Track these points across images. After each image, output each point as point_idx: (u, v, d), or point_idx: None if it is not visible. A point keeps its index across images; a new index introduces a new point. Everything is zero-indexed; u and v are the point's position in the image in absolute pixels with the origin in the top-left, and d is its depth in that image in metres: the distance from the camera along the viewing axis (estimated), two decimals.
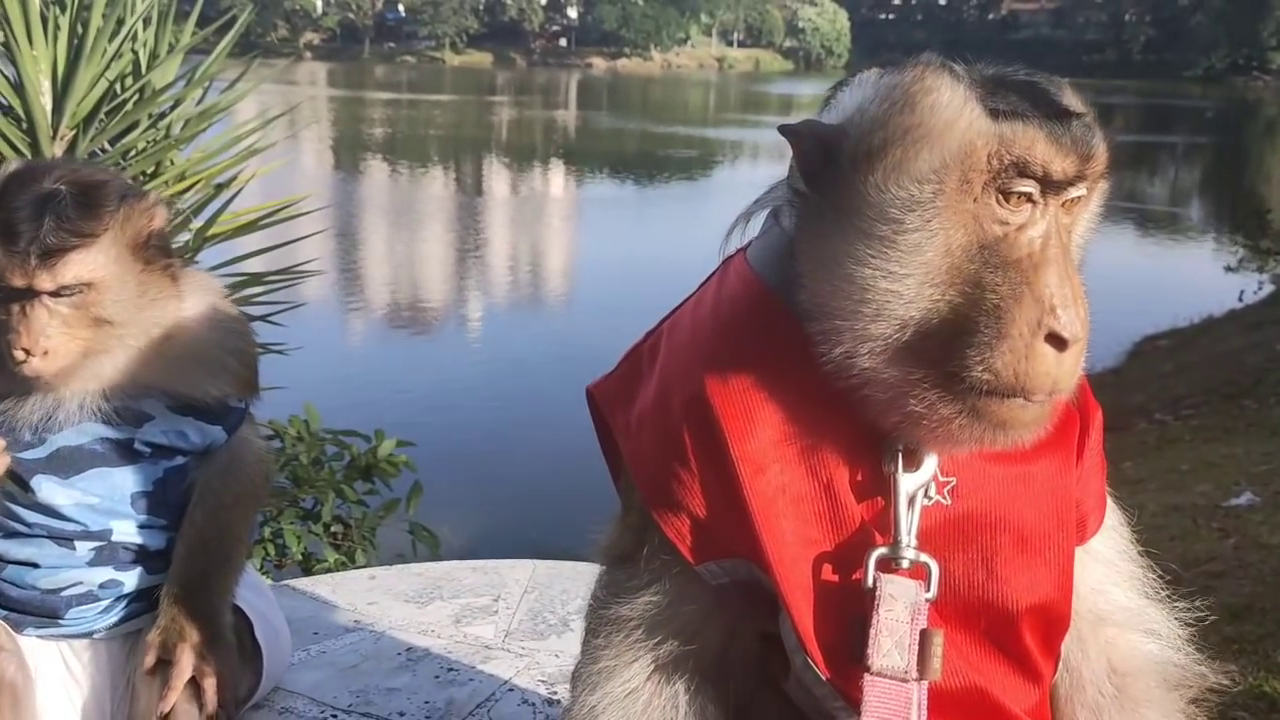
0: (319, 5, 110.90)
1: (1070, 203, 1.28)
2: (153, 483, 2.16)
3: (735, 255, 1.50)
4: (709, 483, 1.38)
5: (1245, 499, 6.88)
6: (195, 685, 2.12)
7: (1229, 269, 17.09)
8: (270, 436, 4.42)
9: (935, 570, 1.34)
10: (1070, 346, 1.22)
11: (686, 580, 1.44)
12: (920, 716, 1.32)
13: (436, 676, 2.74)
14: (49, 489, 2.09)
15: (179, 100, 4.56)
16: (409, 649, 2.87)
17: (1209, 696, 1.55)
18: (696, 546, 1.41)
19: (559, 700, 2.61)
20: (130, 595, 2.21)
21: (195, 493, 2.21)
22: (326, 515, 4.71)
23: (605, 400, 1.54)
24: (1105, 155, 1.27)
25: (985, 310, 1.22)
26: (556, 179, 32.83)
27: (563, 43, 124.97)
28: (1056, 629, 1.44)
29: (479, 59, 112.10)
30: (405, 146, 37.94)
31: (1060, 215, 1.26)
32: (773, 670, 1.50)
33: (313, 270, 5.07)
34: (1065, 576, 1.41)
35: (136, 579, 2.19)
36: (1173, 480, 8.06)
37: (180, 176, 4.45)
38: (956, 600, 1.37)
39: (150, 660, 2.12)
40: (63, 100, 4.09)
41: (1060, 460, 1.42)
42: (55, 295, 1.95)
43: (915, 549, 1.33)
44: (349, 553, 4.74)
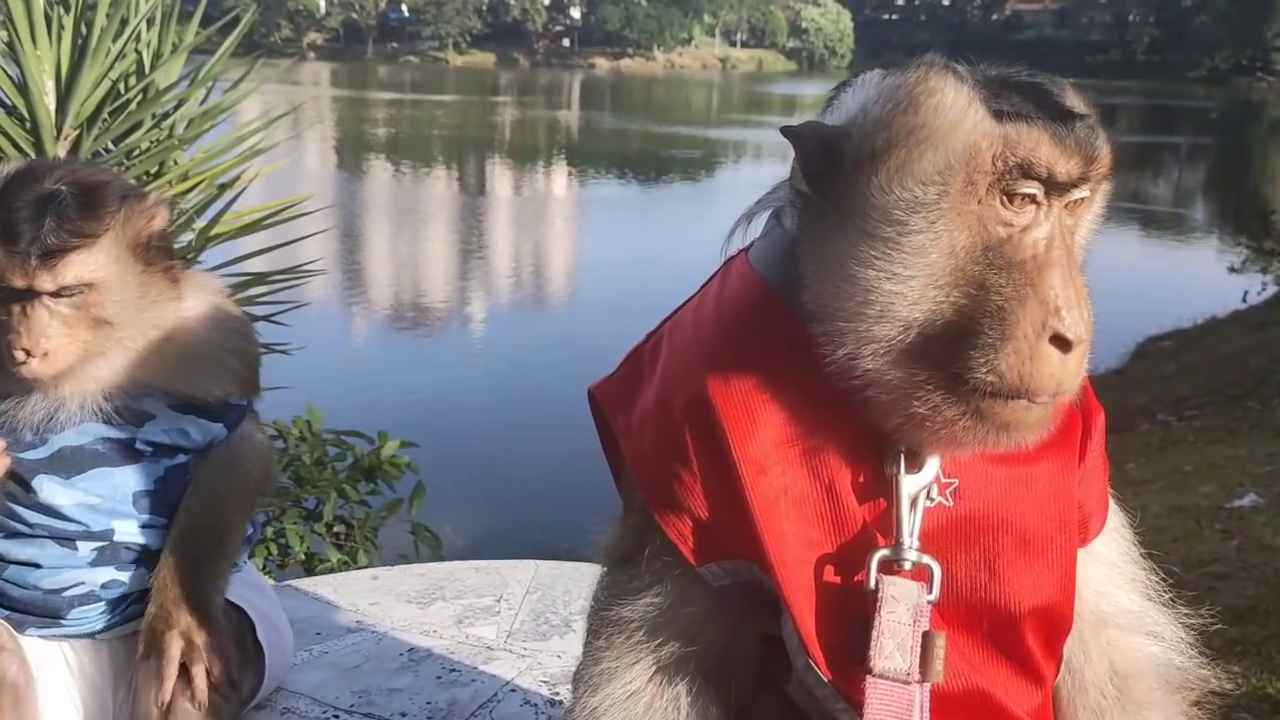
0: (322, 5, 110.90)
1: (1074, 204, 1.28)
2: (154, 482, 2.16)
3: (737, 256, 1.50)
4: (710, 484, 1.38)
5: (1249, 500, 6.87)
6: (188, 675, 2.10)
7: (1233, 270, 17.00)
8: (273, 437, 4.44)
9: (937, 572, 1.34)
10: (1074, 348, 1.22)
11: (688, 581, 1.44)
12: (922, 718, 1.32)
13: (439, 677, 2.74)
14: (50, 489, 2.09)
15: (182, 100, 4.56)
16: (411, 649, 2.87)
17: (1212, 699, 1.54)
18: (698, 548, 1.41)
19: (561, 701, 2.60)
20: (132, 595, 2.20)
21: (192, 483, 2.20)
22: (329, 515, 4.70)
23: (607, 401, 1.54)
24: (1109, 156, 1.27)
25: (989, 312, 1.22)
26: (559, 179, 32.84)
27: (566, 43, 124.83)
28: (1059, 631, 1.44)
29: (482, 59, 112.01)
30: (408, 147, 37.98)
31: (1064, 216, 1.26)
32: (774, 672, 1.49)
33: (316, 270, 5.07)
34: (1068, 578, 1.41)
35: (139, 579, 2.18)
36: (1176, 481, 8.05)
37: (183, 176, 4.46)
38: (959, 602, 1.37)
39: (141, 650, 2.11)
40: (66, 100, 4.09)
41: (1063, 462, 1.42)
42: (56, 296, 1.95)
43: (917, 551, 1.33)
44: (351, 553, 4.74)
